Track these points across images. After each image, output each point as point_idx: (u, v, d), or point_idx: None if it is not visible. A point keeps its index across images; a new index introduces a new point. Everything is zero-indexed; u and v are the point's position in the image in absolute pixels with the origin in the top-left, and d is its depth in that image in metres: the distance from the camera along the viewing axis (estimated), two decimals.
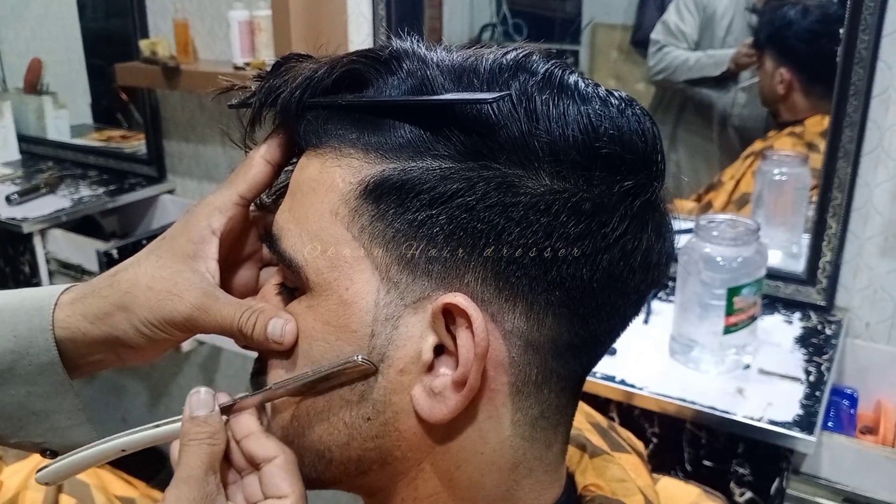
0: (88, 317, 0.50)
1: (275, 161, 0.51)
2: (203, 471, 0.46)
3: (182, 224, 0.51)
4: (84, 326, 0.50)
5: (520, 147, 0.42)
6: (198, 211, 0.51)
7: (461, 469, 0.46)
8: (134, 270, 0.50)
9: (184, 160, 2.13)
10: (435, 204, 0.42)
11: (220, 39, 1.91)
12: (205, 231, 0.50)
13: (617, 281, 0.44)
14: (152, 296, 0.49)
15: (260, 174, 0.51)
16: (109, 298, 0.50)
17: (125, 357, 0.52)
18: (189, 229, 0.50)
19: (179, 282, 0.49)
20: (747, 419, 1.07)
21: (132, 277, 0.50)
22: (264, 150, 0.51)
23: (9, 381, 0.50)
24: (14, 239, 1.89)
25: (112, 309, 0.49)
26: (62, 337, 0.50)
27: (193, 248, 0.50)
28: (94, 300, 0.50)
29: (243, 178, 0.51)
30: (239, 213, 0.51)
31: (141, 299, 0.49)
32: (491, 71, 0.44)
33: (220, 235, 0.50)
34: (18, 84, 2.50)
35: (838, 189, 1.31)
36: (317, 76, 0.46)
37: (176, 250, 0.50)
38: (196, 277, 0.49)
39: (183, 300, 0.48)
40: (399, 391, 0.44)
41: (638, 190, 0.43)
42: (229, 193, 0.51)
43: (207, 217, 0.50)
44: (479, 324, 0.41)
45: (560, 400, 0.47)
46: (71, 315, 0.50)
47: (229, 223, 0.51)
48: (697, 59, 1.61)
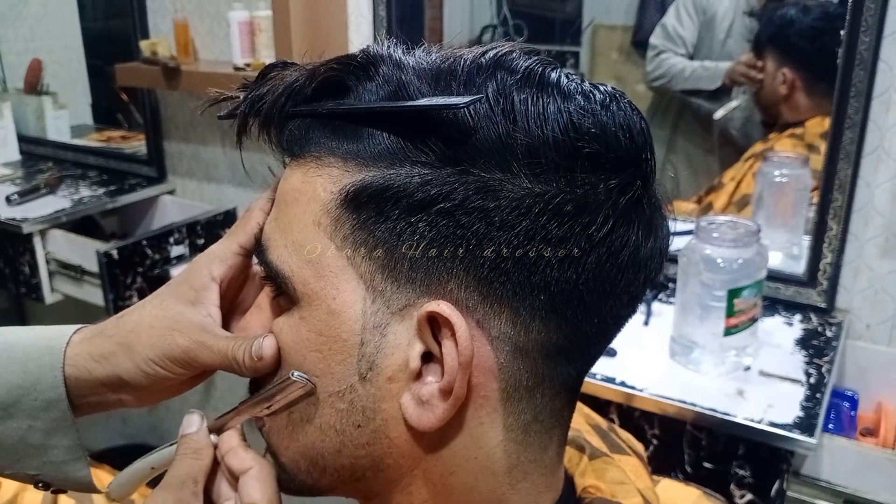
0: (94, 356, 0.52)
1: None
2: (181, 480, 0.49)
3: (185, 273, 0.54)
4: (90, 365, 0.52)
5: (498, 150, 0.41)
6: (200, 260, 0.54)
7: (455, 475, 0.46)
8: (139, 312, 0.53)
9: (184, 161, 2.13)
10: (414, 211, 0.41)
11: (221, 40, 1.91)
12: (205, 279, 0.53)
13: (605, 282, 0.43)
14: (154, 333, 0.51)
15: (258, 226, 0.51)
16: (115, 338, 0.52)
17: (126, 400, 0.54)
18: (191, 277, 0.53)
19: (180, 320, 0.51)
20: (748, 421, 1.07)
21: (136, 318, 0.52)
22: (263, 202, 0.52)
23: (13, 416, 0.52)
24: (14, 239, 1.89)
25: (116, 348, 0.52)
26: (69, 374, 0.52)
27: (195, 295, 0.52)
28: (100, 340, 0.52)
29: (243, 230, 0.53)
30: (239, 263, 0.54)
31: (143, 337, 0.51)
32: (469, 72, 0.43)
33: (220, 283, 0.53)
34: (18, 84, 2.50)
35: (839, 190, 1.31)
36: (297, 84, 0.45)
37: (179, 295, 0.53)
38: (197, 317, 0.51)
39: (182, 335, 0.50)
40: (388, 399, 0.44)
41: (623, 188, 0.42)
42: (229, 243, 0.53)
43: (208, 265, 0.53)
44: (463, 332, 0.41)
45: (555, 403, 0.47)
46: (79, 353, 0.52)
47: (229, 272, 0.53)
48: (693, 70, 1.61)
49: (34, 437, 0.52)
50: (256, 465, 0.49)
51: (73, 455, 0.53)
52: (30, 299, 2.02)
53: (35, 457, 0.53)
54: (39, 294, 1.91)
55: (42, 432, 0.52)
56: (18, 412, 0.51)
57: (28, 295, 1.96)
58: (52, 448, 0.53)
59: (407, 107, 0.42)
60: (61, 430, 0.52)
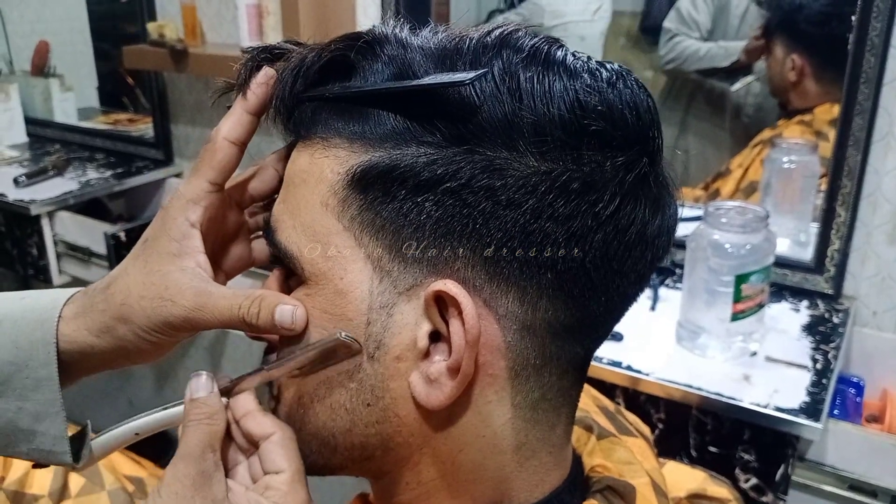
0: (93, 331, 0.49)
1: (239, 140, 0.50)
2: (200, 449, 0.46)
3: (160, 223, 0.50)
4: (91, 340, 0.49)
5: (504, 128, 0.41)
6: (172, 207, 0.50)
7: (463, 452, 0.46)
8: (124, 281, 0.49)
9: (191, 143, 2.13)
10: (420, 191, 0.41)
11: (228, 22, 1.90)
12: (184, 226, 0.49)
13: (612, 260, 0.43)
14: (146, 304, 0.48)
15: (226, 157, 0.49)
16: (108, 312, 0.49)
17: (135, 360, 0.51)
18: (168, 228, 0.49)
19: (170, 285, 0.48)
20: (753, 406, 1.07)
21: (124, 289, 0.49)
22: (226, 131, 0.49)
23: (2, 394, 0.49)
24: (22, 221, 1.89)
25: (113, 322, 0.49)
26: (70, 350, 0.49)
27: (177, 247, 0.49)
28: (94, 315, 0.49)
29: (209, 165, 0.49)
30: (214, 200, 0.50)
31: (136, 309, 0.48)
32: (474, 51, 0.42)
33: (200, 227, 0.49)
34: (25, 66, 2.50)
35: (847, 177, 1.30)
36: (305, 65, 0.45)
37: (161, 252, 0.49)
38: (185, 277, 0.48)
39: (177, 304, 0.47)
40: (396, 377, 0.44)
41: (630, 165, 0.42)
42: (199, 182, 0.49)
43: (183, 211, 0.49)
44: (469, 310, 0.41)
45: (563, 382, 0.47)
46: (76, 330, 0.49)
47: (206, 213, 0.50)
48: (708, 49, 1.60)
49: (23, 422, 0.49)
50: (279, 431, 0.48)
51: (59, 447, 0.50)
52: (37, 281, 2.03)
53: (24, 442, 0.50)
54: (47, 276, 1.92)
55: (31, 416, 0.49)
56: (9, 391, 0.49)
57: (36, 277, 1.97)
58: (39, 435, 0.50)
59: (411, 86, 0.42)
60: (49, 416, 0.49)
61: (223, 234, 0.54)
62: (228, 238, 0.55)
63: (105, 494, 0.77)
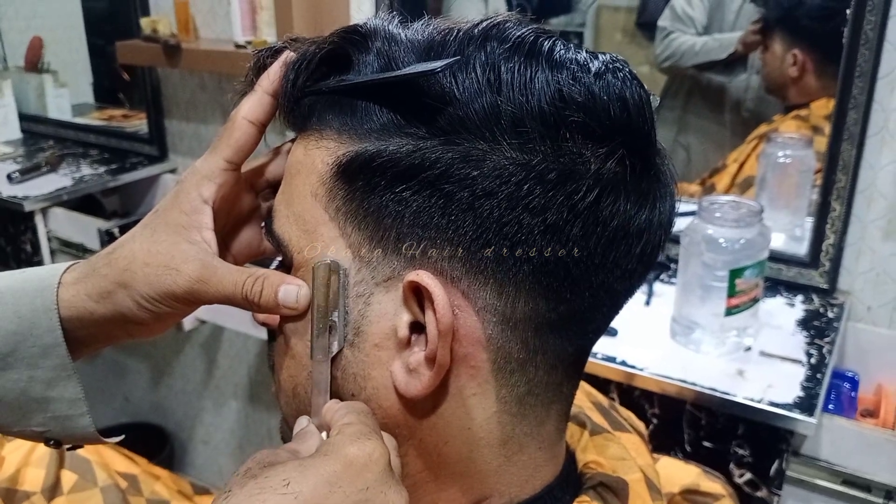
0: (93, 296, 0.49)
1: (258, 120, 0.50)
2: (373, 458, 0.41)
3: (173, 196, 0.51)
4: (90, 306, 0.50)
5: (483, 119, 0.41)
6: (187, 181, 0.50)
7: (449, 445, 0.47)
8: (130, 247, 0.50)
9: (185, 139, 2.12)
10: (400, 181, 0.42)
11: (221, 18, 1.89)
12: (196, 201, 0.50)
13: (593, 254, 0.42)
14: (150, 272, 0.48)
15: (244, 136, 0.50)
16: (109, 277, 0.49)
17: (133, 332, 0.52)
18: (180, 201, 0.50)
19: (176, 255, 0.48)
20: (748, 401, 1.07)
21: (128, 254, 0.49)
22: (246, 110, 0.50)
23: (12, 366, 0.49)
24: (15, 217, 1.88)
25: (113, 287, 0.49)
26: (69, 316, 0.50)
27: (187, 220, 0.49)
28: (95, 279, 0.50)
29: (227, 143, 0.50)
30: (229, 179, 0.51)
31: (139, 276, 0.48)
32: (460, 42, 0.43)
33: (212, 204, 0.50)
34: (19, 62, 2.49)
35: (842, 171, 1.30)
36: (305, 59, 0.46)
37: (169, 222, 0.50)
38: (192, 249, 0.49)
39: (181, 274, 0.48)
40: (377, 365, 0.45)
41: (612, 157, 0.41)
42: (216, 160, 0.50)
43: (197, 187, 0.50)
44: (441, 300, 0.41)
45: (551, 377, 0.47)
46: (76, 295, 0.50)
47: (220, 190, 0.50)
48: (704, 43, 1.59)
49: (35, 390, 0.50)
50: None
51: (76, 409, 0.51)
52: None
53: (39, 411, 0.51)
54: None
55: (43, 383, 0.50)
56: (17, 361, 0.49)
57: None
58: (54, 401, 0.51)
59: (385, 78, 0.43)
60: (62, 380, 0.50)
61: (236, 216, 0.55)
62: (241, 220, 0.55)
63: (98, 491, 0.77)
